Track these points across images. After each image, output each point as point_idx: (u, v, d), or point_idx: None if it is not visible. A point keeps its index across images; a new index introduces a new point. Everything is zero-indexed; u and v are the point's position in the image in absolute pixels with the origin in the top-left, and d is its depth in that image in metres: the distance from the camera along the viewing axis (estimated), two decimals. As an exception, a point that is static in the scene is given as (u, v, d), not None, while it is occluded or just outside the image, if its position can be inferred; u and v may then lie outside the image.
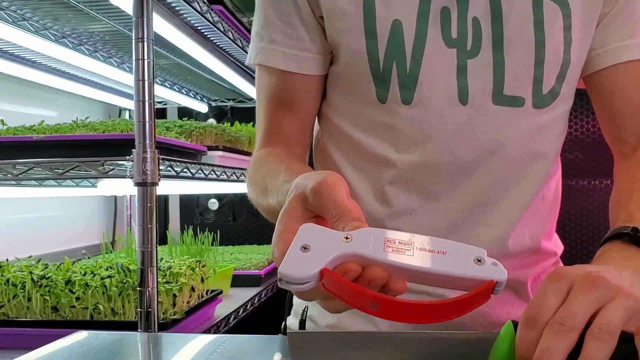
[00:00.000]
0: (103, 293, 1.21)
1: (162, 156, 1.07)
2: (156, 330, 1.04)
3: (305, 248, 0.47)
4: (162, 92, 2.45)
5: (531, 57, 0.75)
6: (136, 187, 1.04)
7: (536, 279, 0.84)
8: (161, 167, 1.08)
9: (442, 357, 0.54)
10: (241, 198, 3.16)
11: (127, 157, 1.04)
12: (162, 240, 2.73)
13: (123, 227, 2.59)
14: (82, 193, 1.88)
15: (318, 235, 0.48)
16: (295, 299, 0.94)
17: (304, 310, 0.90)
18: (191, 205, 3.05)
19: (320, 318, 0.86)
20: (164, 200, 2.98)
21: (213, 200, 3.04)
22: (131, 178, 1.03)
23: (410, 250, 0.48)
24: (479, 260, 0.48)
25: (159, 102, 2.81)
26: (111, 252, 1.93)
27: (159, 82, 2.36)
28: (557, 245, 0.89)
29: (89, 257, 1.86)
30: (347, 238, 0.48)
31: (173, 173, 1.17)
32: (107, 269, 1.28)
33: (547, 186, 0.82)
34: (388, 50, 0.74)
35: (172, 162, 1.15)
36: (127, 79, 2.07)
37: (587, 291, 0.49)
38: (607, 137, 0.83)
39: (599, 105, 0.82)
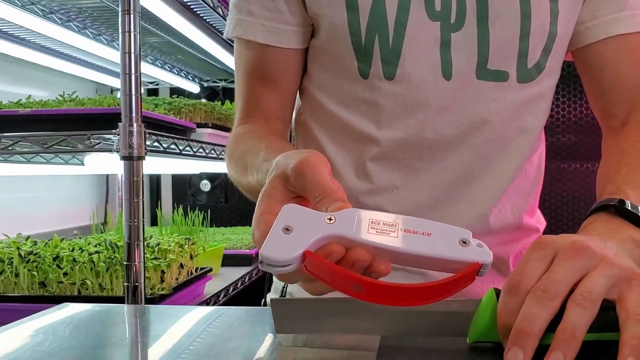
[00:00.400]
0: (91, 269, 1.20)
1: (149, 131, 1.06)
2: (143, 304, 1.03)
3: (287, 230, 0.46)
4: (153, 72, 2.44)
5: (516, 30, 0.73)
6: (122, 162, 1.03)
7: (518, 255, 0.83)
8: (148, 143, 1.07)
9: (424, 324, 0.54)
10: (233, 179, 3.15)
11: (114, 131, 1.03)
12: (154, 221, 2.73)
13: (115, 207, 2.58)
14: (72, 171, 1.87)
15: (300, 217, 0.48)
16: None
17: (283, 287, 0.90)
18: (183, 187, 3.04)
19: (300, 294, 0.86)
20: (156, 181, 2.98)
21: (205, 181, 3.04)
22: (117, 152, 1.03)
23: (395, 231, 0.48)
24: (464, 242, 0.48)
25: (151, 82, 2.79)
26: (102, 232, 1.93)
27: (150, 61, 2.34)
28: (539, 222, 0.88)
29: (80, 237, 1.86)
30: (330, 219, 0.47)
31: (160, 148, 1.16)
32: (95, 246, 1.28)
33: (529, 161, 0.81)
34: (370, 23, 0.73)
35: (159, 137, 1.14)
36: (117, 57, 2.05)
37: (571, 259, 0.48)
38: (596, 112, 0.82)
39: (587, 80, 0.81)
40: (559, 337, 0.46)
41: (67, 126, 1.15)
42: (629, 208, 0.60)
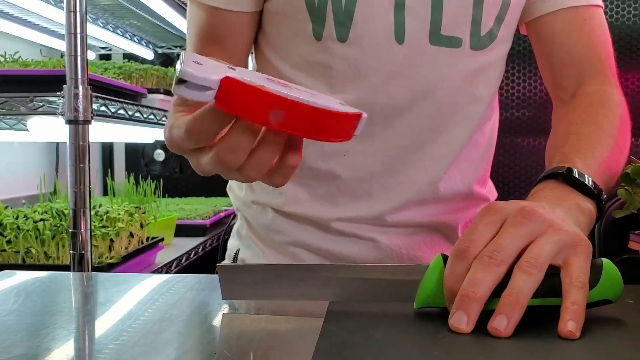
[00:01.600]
0: (36, 237, 1.17)
1: (95, 94, 1.02)
2: (90, 272, 1.01)
3: (198, 63, 0.46)
4: (105, 36, 2.35)
5: None
6: (68, 126, 0.99)
7: (467, 223, 0.84)
8: (95, 107, 1.03)
9: (372, 289, 0.54)
10: (188, 149, 3.10)
11: (58, 94, 0.99)
12: (106, 192, 2.67)
13: (65, 176, 2.50)
14: (17, 138, 1.80)
15: (205, 60, 0.48)
16: (230, 244, 0.93)
17: (235, 255, 0.89)
18: (136, 157, 2.98)
19: (252, 261, 0.85)
20: (108, 151, 2.90)
21: (159, 151, 2.97)
22: (62, 115, 0.98)
23: (290, 87, 0.49)
24: (342, 104, 0.49)
25: (103, 48, 2.70)
26: (50, 201, 1.87)
27: (101, 25, 2.26)
28: (490, 192, 0.90)
29: (28, 206, 1.79)
30: (232, 68, 0.48)
31: (108, 113, 1.12)
32: (41, 214, 1.24)
33: (480, 131, 0.82)
34: None
35: (107, 102, 1.10)
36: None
37: (519, 225, 0.49)
38: (547, 84, 0.83)
39: (539, 52, 0.82)
40: (504, 301, 0.46)
41: (9, 89, 1.10)
42: (576, 176, 0.61)
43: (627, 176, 0.71)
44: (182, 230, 1.99)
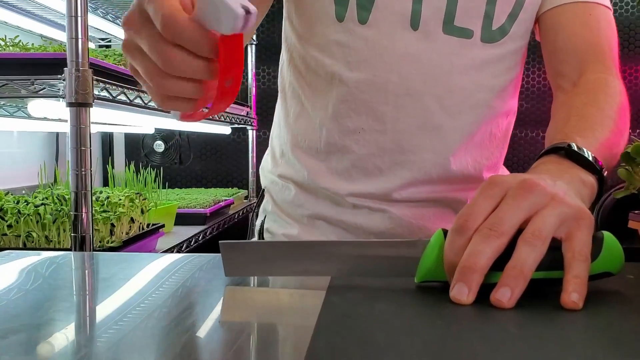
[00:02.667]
0: (37, 222, 1.17)
1: (96, 77, 1.02)
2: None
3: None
4: (105, 26, 2.35)
5: None
6: (69, 109, 0.99)
7: (476, 198, 0.87)
8: (96, 92, 1.03)
9: (373, 264, 0.54)
10: (188, 139, 3.10)
11: (59, 76, 0.99)
12: (106, 183, 2.67)
13: (65, 167, 2.50)
14: (17, 126, 1.80)
15: None
16: (257, 221, 0.98)
17: (261, 226, 0.95)
18: (136, 147, 2.97)
19: (277, 229, 0.92)
20: (108, 142, 2.90)
21: (159, 142, 2.97)
22: (63, 99, 0.98)
23: None
24: None
25: (102, 39, 2.69)
26: (50, 188, 1.87)
27: (101, 15, 2.25)
28: None
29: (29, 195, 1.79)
30: None
31: (109, 97, 1.12)
32: (42, 199, 1.24)
33: (496, 123, 0.85)
34: None
35: (107, 85, 1.10)
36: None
37: (520, 198, 0.49)
38: (549, 72, 0.85)
39: (544, 39, 0.84)
40: (508, 273, 0.47)
41: (10, 72, 1.10)
42: (577, 150, 0.61)
43: (628, 155, 0.71)
44: (182, 219, 1.99)
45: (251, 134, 3.07)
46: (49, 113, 1.19)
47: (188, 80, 0.50)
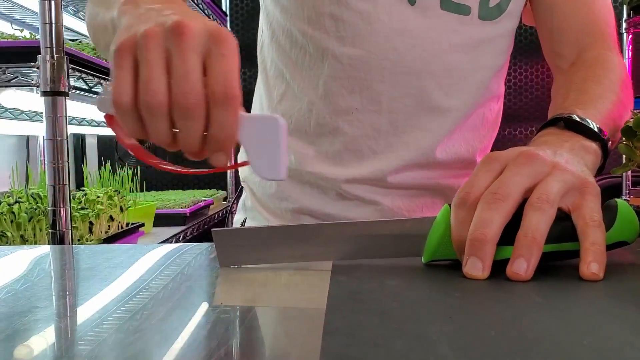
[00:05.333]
0: (12, 221, 1.11)
1: (72, 66, 0.97)
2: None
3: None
4: (76, 25, 2.28)
5: None
6: (43, 98, 0.94)
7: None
8: (71, 81, 0.98)
9: (378, 244, 0.51)
10: (164, 141, 3.04)
11: (33, 64, 0.94)
12: (80, 185, 2.60)
13: (37, 169, 2.43)
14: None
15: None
16: (235, 218, 0.93)
17: (241, 225, 0.90)
18: (109, 150, 2.91)
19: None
20: (80, 144, 2.83)
21: (134, 143, 2.91)
22: (37, 88, 0.93)
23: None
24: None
25: (72, 40, 2.62)
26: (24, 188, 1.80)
27: (72, 12, 2.19)
28: None
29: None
30: None
31: (85, 87, 1.08)
32: (16, 198, 1.19)
33: (488, 106, 0.83)
34: None
35: (83, 75, 1.05)
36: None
37: (522, 165, 0.47)
38: (546, 53, 0.83)
39: (539, 19, 0.83)
40: (520, 243, 0.44)
41: (-20, 63, 1.05)
42: (578, 120, 0.60)
43: (629, 130, 0.69)
44: (162, 220, 1.95)
45: (229, 134, 3.03)
46: (22, 104, 1.14)
47: None
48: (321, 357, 0.28)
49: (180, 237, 1.81)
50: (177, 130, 0.46)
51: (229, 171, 2.97)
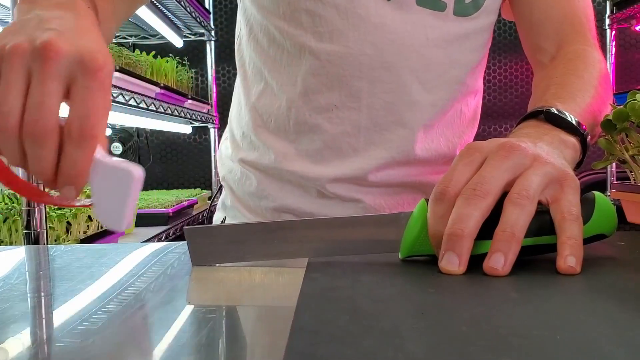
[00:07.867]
0: (-14, 222, 1.09)
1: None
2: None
3: None
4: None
5: None
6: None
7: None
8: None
9: (354, 242, 0.50)
10: (147, 140, 3.02)
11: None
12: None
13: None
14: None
15: None
16: (215, 217, 0.91)
17: (222, 222, 0.89)
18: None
19: None
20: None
21: (116, 143, 2.88)
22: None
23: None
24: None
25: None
26: None
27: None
28: None
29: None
30: None
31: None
32: (-9, 200, 1.16)
33: (465, 101, 0.82)
34: None
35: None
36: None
37: (502, 159, 0.46)
38: (527, 48, 0.83)
39: (519, 14, 0.82)
40: (498, 238, 0.43)
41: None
42: (557, 113, 0.59)
43: (609, 123, 0.69)
44: (144, 220, 1.93)
45: (213, 133, 3.01)
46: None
47: None
48: (285, 356, 0.27)
49: (163, 237, 1.79)
50: None
51: (214, 170, 2.96)
